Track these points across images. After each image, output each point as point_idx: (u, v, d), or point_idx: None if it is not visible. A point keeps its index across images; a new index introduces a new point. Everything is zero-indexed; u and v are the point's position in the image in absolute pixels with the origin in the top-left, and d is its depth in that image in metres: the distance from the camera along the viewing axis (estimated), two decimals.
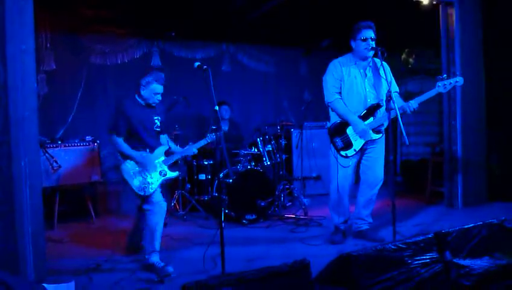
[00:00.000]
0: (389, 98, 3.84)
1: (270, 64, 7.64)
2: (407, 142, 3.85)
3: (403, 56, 7.84)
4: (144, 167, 3.85)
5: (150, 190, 3.82)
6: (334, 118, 4.38)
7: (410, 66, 7.77)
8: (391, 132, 4.03)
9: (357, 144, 4.26)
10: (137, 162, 3.85)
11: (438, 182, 6.25)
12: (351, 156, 4.28)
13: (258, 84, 7.58)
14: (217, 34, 6.85)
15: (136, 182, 3.82)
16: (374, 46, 4.15)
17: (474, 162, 5.88)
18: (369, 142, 4.29)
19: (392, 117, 3.89)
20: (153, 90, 3.91)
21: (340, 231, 4.51)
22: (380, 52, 3.97)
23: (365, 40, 4.17)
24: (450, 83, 4.02)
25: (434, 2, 5.61)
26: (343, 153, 4.28)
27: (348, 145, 4.27)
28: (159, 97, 3.98)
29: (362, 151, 4.35)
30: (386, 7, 6.02)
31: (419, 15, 6.04)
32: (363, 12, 5.69)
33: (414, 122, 7.79)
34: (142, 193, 3.81)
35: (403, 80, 7.53)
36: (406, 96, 7.68)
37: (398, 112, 3.82)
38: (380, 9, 5.98)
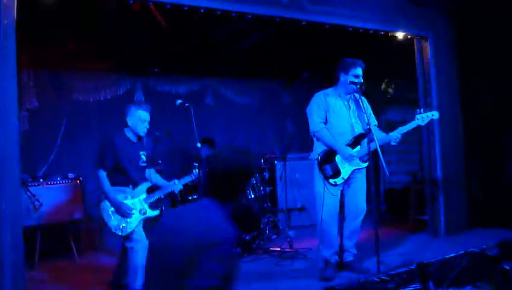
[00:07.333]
0: (368, 131, 3.94)
1: (252, 97, 7.71)
2: (388, 174, 3.96)
3: (383, 86, 8.01)
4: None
5: (128, 229, 3.79)
6: (319, 148, 4.42)
7: (389, 95, 7.94)
8: (372, 162, 4.11)
9: (345, 172, 4.31)
10: (113, 206, 3.81)
11: (422, 210, 6.32)
12: (340, 184, 4.32)
13: (241, 117, 7.64)
14: (200, 68, 6.94)
15: (113, 222, 3.79)
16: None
17: (455, 190, 5.97)
18: (355, 171, 4.35)
19: (372, 150, 3.98)
20: (139, 116, 3.90)
21: (331, 265, 4.40)
22: (358, 86, 4.08)
23: (357, 76, 4.30)
24: (427, 116, 4.23)
25: (409, 36, 5.78)
26: (332, 181, 4.31)
27: (337, 173, 4.31)
28: (147, 125, 3.96)
29: (346, 181, 4.37)
30: (364, 40, 6.19)
31: (397, 47, 6.22)
32: (343, 46, 5.89)
33: (395, 150, 7.91)
34: (120, 233, 3.79)
35: (383, 109, 7.69)
36: (386, 125, 7.86)
37: (377, 144, 3.91)
38: (358, 42, 6.15)
